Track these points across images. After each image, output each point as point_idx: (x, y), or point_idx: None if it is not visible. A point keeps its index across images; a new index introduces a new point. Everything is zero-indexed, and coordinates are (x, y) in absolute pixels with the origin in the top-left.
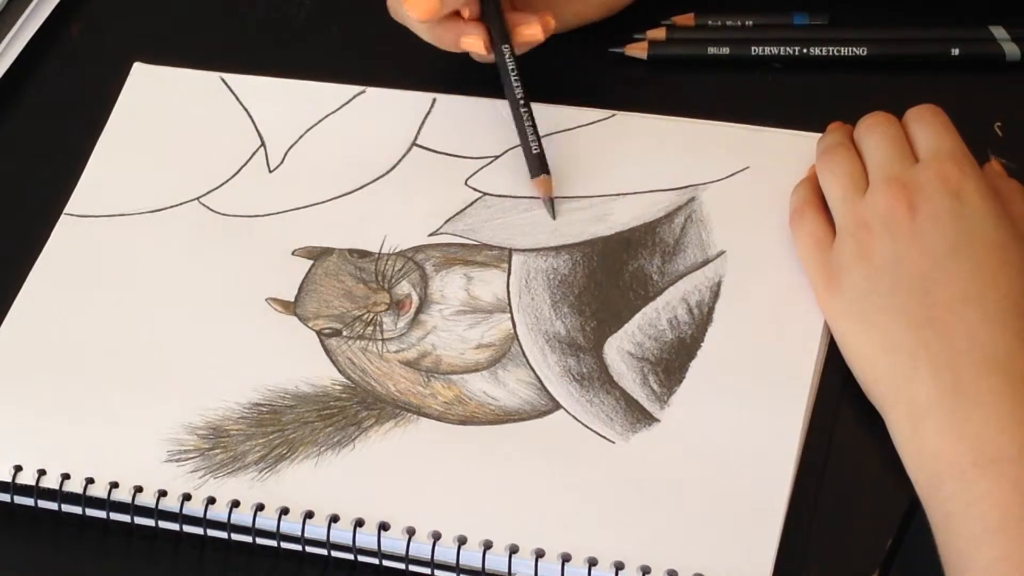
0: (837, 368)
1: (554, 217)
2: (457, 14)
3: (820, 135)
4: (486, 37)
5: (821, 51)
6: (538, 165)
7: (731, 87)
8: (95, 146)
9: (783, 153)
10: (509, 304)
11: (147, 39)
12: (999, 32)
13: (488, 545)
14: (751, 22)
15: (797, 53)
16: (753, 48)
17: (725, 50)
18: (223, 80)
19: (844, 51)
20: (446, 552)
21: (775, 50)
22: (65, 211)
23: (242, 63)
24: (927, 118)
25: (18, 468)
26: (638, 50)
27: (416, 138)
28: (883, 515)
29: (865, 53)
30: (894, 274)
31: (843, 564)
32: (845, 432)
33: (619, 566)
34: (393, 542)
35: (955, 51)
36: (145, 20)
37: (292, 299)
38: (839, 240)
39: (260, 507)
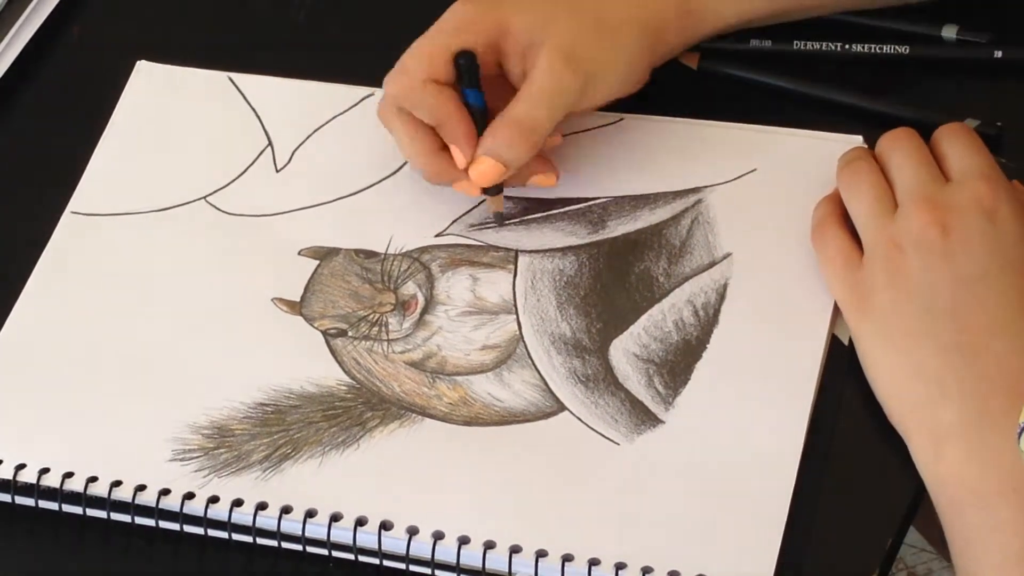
0: (840, 371)
1: (500, 221)
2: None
3: (827, 135)
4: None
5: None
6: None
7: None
8: (97, 144)
9: (791, 155)
10: (515, 305)
11: (146, 39)
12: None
13: (490, 545)
14: None
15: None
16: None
17: None
18: (231, 79)
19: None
20: (447, 552)
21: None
22: (69, 209)
23: (240, 63)
24: (958, 136)
25: (20, 466)
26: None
27: None
28: (883, 515)
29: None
30: (924, 297)
31: (843, 564)
32: (846, 434)
33: (620, 566)
34: (394, 542)
35: None
36: (144, 20)
37: (298, 299)
38: (868, 260)
39: (261, 506)
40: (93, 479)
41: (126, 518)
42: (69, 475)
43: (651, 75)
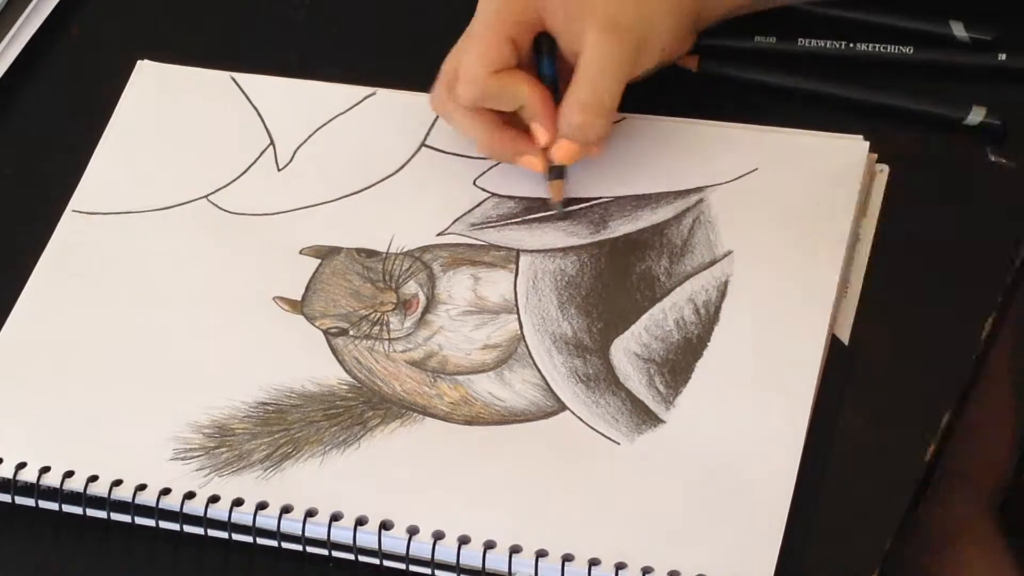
0: (840, 371)
1: (561, 211)
2: (510, 123)
3: (829, 135)
4: (544, 157)
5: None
6: (558, 169)
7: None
8: (98, 143)
9: (792, 155)
10: (516, 305)
11: (146, 39)
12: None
13: (490, 545)
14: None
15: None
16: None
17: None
18: (233, 79)
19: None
20: (447, 552)
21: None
22: (70, 207)
23: (240, 62)
24: None
25: (20, 466)
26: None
27: (425, 139)
28: (883, 515)
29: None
30: None
31: (843, 564)
32: (846, 433)
33: (620, 566)
34: (394, 541)
35: None
36: (144, 20)
37: (299, 298)
38: None
39: (262, 506)
40: (93, 478)
41: (126, 518)
42: (69, 475)
43: (698, 37)
